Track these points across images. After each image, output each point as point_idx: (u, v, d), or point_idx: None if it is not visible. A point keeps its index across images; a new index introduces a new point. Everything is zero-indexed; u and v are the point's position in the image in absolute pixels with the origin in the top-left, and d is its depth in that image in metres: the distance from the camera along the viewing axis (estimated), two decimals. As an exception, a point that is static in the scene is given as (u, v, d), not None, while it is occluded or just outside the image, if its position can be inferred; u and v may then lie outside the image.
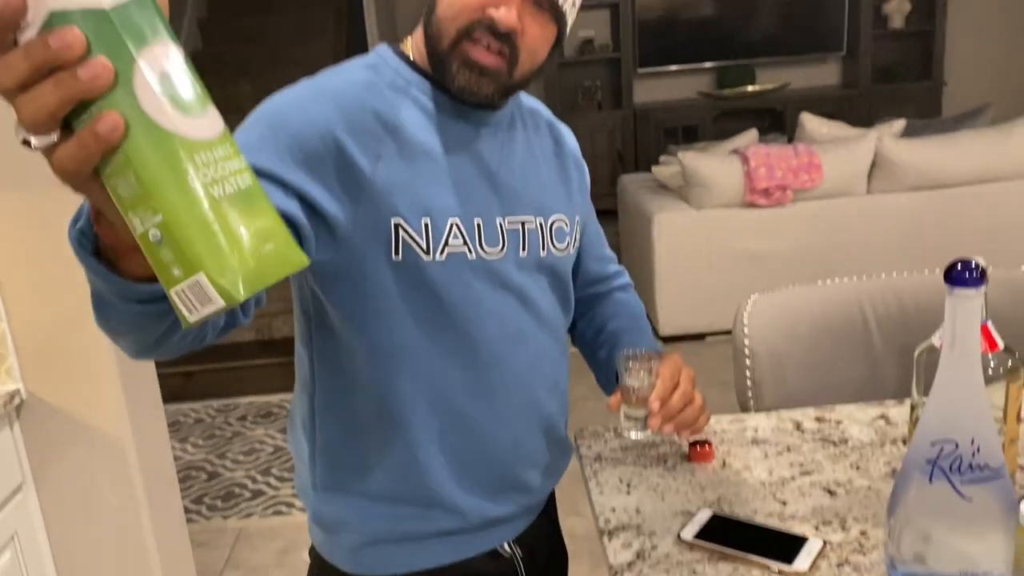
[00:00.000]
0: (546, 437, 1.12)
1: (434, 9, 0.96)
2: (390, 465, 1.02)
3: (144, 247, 0.52)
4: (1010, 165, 3.60)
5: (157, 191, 0.50)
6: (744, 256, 3.69)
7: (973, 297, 0.77)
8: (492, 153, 1.03)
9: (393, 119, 0.96)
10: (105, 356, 1.67)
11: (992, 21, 6.18)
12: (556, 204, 1.10)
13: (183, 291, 0.51)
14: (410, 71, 1.01)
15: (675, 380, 1.03)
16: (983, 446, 0.78)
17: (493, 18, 0.92)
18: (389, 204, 0.94)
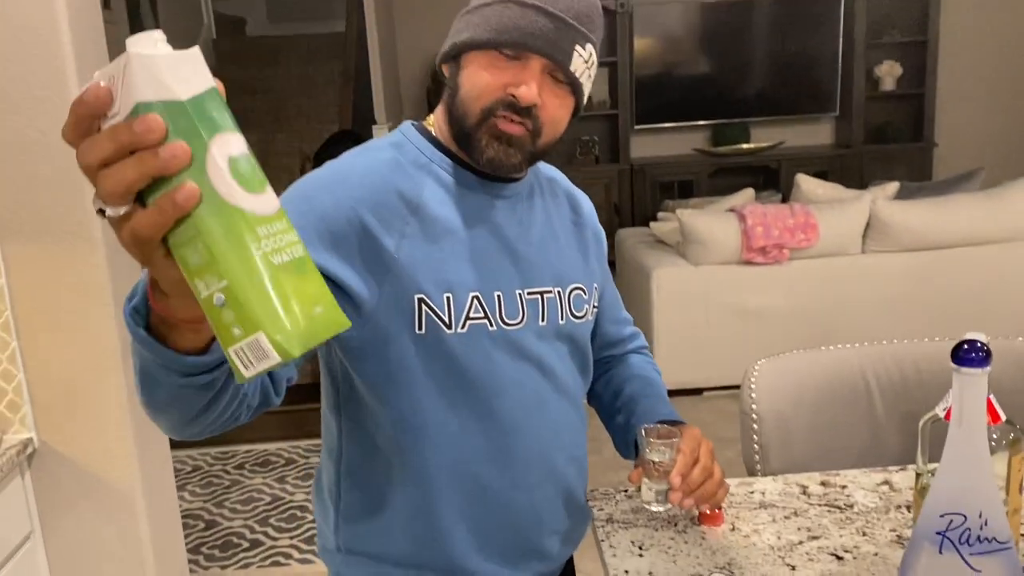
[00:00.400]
0: (565, 504, 1.14)
1: (457, 91, 1.01)
2: (413, 531, 1.05)
3: (207, 309, 0.57)
4: (1000, 229, 3.67)
5: (223, 259, 0.56)
6: (741, 312, 3.74)
7: (979, 376, 0.81)
8: (511, 226, 1.07)
9: (416, 198, 1.00)
10: (119, 407, 1.69)
11: (981, 86, 6.34)
12: (574, 273, 1.14)
13: (242, 349, 0.57)
14: (432, 149, 1.05)
15: (695, 455, 1.06)
16: (991, 519, 0.82)
17: (515, 95, 0.98)
18: (413, 281, 0.98)
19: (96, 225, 1.61)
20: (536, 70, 0.98)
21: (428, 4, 5.99)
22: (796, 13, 6.04)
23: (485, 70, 0.99)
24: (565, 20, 0.99)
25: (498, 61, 0.98)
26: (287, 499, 3.13)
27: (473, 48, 1.00)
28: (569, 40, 0.99)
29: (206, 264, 0.56)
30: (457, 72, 1.01)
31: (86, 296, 1.64)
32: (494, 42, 0.98)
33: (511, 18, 0.97)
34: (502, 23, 0.97)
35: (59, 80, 1.56)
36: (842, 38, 6.04)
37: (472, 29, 1.00)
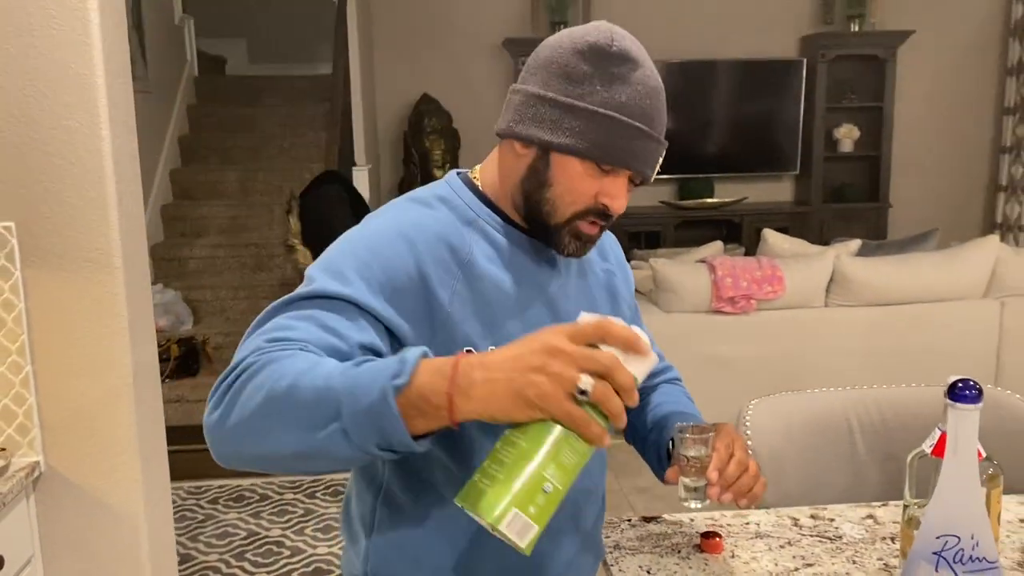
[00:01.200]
0: (583, 544, 1.20)
1: (545, 186, 1.05)
2: (445, 569, 1.09)
3: (535, 482, 0.80)
4: (955, 286, 3.86)
5: (571, 476, 0.81)
6: (711, 360, 3.86)
7: (972, 412, 0.91)
8: (552, 281, 1.13)
9: (467, 254, 1.05)
10: (128, 434, 1.72)
11: (932, 150, 6.65)
12: None
13: (520, 517, 0.79)
14: (480, 204, 1.10)
15: (730, 450, 1.09)
16: (981, 541, 0.91)
17: (608, 206, 1.05)
18: (462, 333, 1.02)
19: (116, 253, 1.67)
20: (626, 181, 1.05)
21: (406, 50, 6.14)
22: (759, 75, 6.30)
23: (582, 178, 1.03)
24: (659, 138, 1.05)
25: (594, 171, 1.03)
26: (263, 534, 3.13)
27: (574, 155, 1.02)
28: (658, 155, 1.06)
29: (568, 470, 0.81)
30: (546, 167, 1.04)
31: (102, 323, 1.68)
32: (599, 158, 1.01)
33: (617, 139, 1.01)
34: (610, 143, 1.01)
35: (90, 111, 1.62)
36: (803, 101, 6.30)
37: (570, 135, 1.01)
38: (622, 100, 1.01)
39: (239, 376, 0.87)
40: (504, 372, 0.79)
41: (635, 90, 1.02)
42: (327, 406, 0.81)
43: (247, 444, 0.86)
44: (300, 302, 0.96)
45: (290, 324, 0.93)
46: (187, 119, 5.39)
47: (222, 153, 5.18)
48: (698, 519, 1.37)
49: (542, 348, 0.79)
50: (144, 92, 4.61)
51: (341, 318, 0.94)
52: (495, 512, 0.77)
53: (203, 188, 4.94)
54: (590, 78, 1.01)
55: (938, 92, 6.58)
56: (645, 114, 1.03)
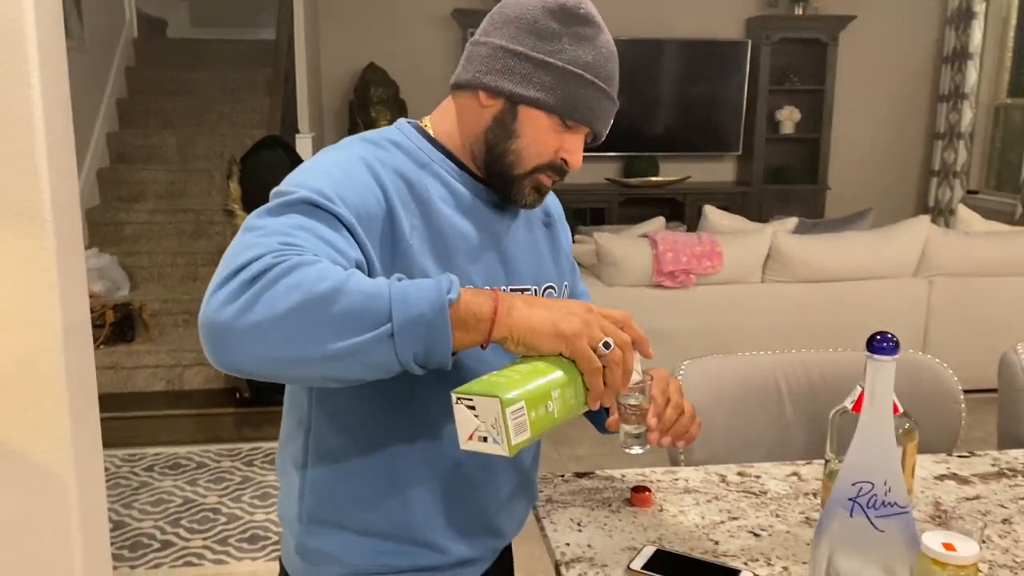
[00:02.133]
0: (523, 487, 1.23)
1: (511, 137, 1.08)
2: (382, 504, 1.10)
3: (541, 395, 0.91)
4: (887, 265, 3.98)
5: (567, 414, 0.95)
6: (651, 332, 3.85)
7: (889, 363, 0.95)
8: (501, 226, 1.16)
9: (423, 192, 1.07)
10: (55, 394, 1.69)
11: (869, 134, 6.82)
12: (547, 273, 1.23)
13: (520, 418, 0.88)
14: (433, 149, 1.12)
15: (666, 395, 1.15)
16: (893, 487, 0.95)
17: (567, 161, 1.10)
18: (419, 267, 1.03)
19: (46, 207, 1.63)
20: (583, 139, 1.11)
21: (352, 18, 6.05)
22: (705, 56, 6.37)
23: (548, 132, 1.08)
24: (616, 100, 1.12)
25: (559, 127, 1.08)
26: (199, 501, 3.10)
27: (541, 109, 1.07)
28: (612, 116, 1.13)
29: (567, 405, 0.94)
30: (513, 119, 1.07)
31: (30, 277, 1.64)
32: (566, 115, 1.07)
33: (584, 98, 1.07)
34: (578, 101, 1.07)
35: (19, 59, 1.57)
36: (747, 82, 6.39)
37: (543, 90, 1.06)
38: (588, 60, 1.07)
39: (261, 273, 0.83)
40: (545, 307, 0.94)
41: (600, 52, 1.08)
42: (378, 309, 0.85)
43: (273, 343, 0.83)
44: (287, 208, 0.93)
45: (291, 231, 0.90)
46: (125, 81, 5.24)
47: (161, 117, 5.05)
48: (629, 475, 1.41)
49: (580, 305, 0.95)
50: (79, 51, 4.48)
51: (334, 232, 0.94)
52: (510, 396, 0.87)
53: (141, 152, 4.82)
54: (559, 36, 1.06)
55: (877, 78, 6.74)
56: (608, 76, 1.09)
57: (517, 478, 1.22)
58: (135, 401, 3.71)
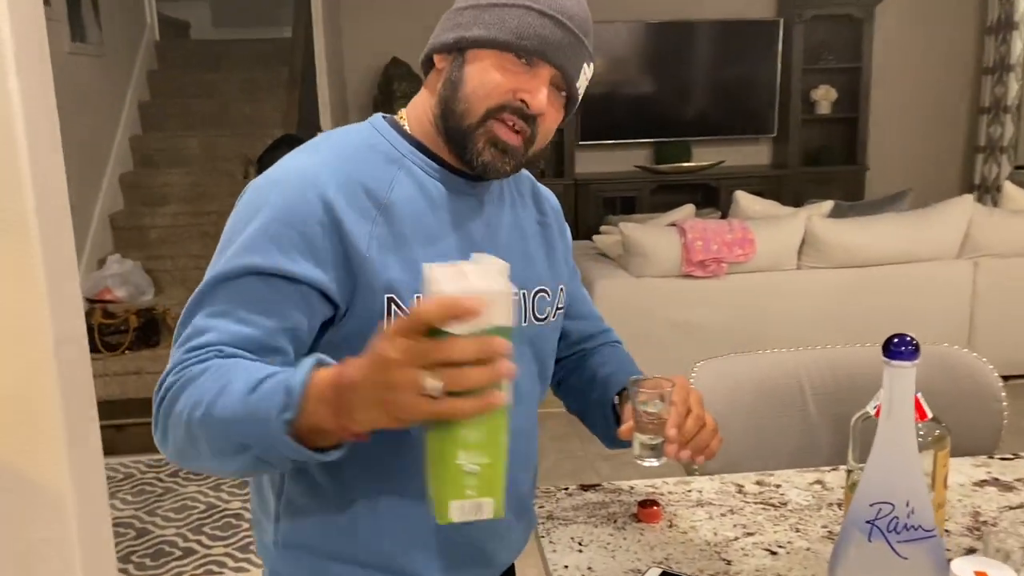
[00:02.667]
0: (515, 513, 1.14)
1: (459, 85, 0.99)
2: (356, 530, 1.03)
3: (452, 472, 0.74)
4: (927, 247, 3.81)
5: (495, 445, 0.75)
6: (681, 324, 3.80)
7: (908, 369, 0.84)
8: (479, 227, 1.07)
9: (384, 196, 0.98)
10: (50, 410, 1.65)
11: (910, 111, 6.58)
12: (539, 276, 1.13)
13: (465, 504, 0.75)
14: (405, 143, 1.04)
15: (687, 405, 1.04)
16: (917, 508, 0.85)
17: (526, 101, 0.98)
18: (383, 280, 0.96)
19: (31, 216, 1.58)
20: (546, 79, 0.99)
21: (375, 12, 5.99)
22: (736, 36, 6.20)
23: (496, 70, 0.98)
24: (579, 37, 1.01)
25: (510, 64, 0.98)
26: (222, 507, 3.07)
27: (486, 46, 0.98)
28: (580, 57, 1.01)
29: (477, 445, 0.74)
30: (460, 66, 1.00)
31: (20, 292, 1.60)
32: (512, 45, 0.97)
33: (531, 25, 0.97)
34: (522, 28, 0.97)
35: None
36: (780, 62, 6.21)
37: (485, 27, 0.98)
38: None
39: (164, 399, 0.89)
40: (368, 393, 0.76)
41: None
42: (236, 439, 0.84)
43: (194, 465, 0.92)
44: (216, 288, 0.94)
45: (206, 325, 0.92)
46: (147, 85, 5.24)
47: (184, 119, 5.04)
48: (639, 486, 1.31)
49: (378, 363, 0.74)
50: (97, 56, 4.47)
51: (253, 301, 0.93)
52: (441, 513, 0.77)
53: (164, 155, 4.81)
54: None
55: (915, 52, 6.50)
56: (562, 8, 1.00)
57: (512, 509, 1.13)
58: (160, 406, 3.69)
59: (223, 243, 0.98)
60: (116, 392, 3.77)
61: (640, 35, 6.08)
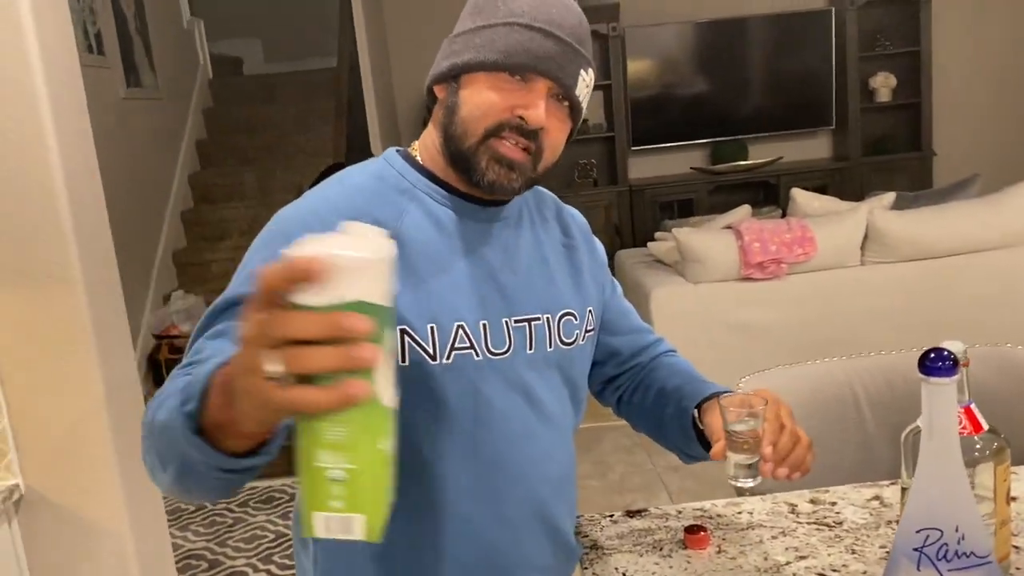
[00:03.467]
0: (551, 540, 1.10)
1: (456, 110, 0.99)
2: (392, 567, 1.02)
3: (313, 475, 0.61)
4: (999, 235, 3.64)
5: (360, 448, 0.61)
6: (741, 329, 3.71)
7: (947, 386, 0.79)
8: (496, 253, 1.05)
9: (395, 227, 0.98)
10: (104, 449, 1.68)
11: (977, 92, 6.33)
12: (565, 299, 1.11)
13: (332, 518, 0.61)
14: (416, 174, 1.04)
15: (780, 420, 1.01)
16: (968, 533, 0.79)
17: (524, 117, 0.97)
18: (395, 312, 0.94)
19: (75, 267, 1.61)
20: (542, 93, 0.98)
21: (421, 36, 6.04)
22: (787, 28, 6.06)
23: (490, 90, 0.98)
24: (571, 45, 0.99)
25: (504, 83, 0.98)
26: (291, 535, 3.10)
27: (478, 70, 0.98)
28: (575, 65, 1.00)
29: (341, 445, 0.60)
30: (456, 92, 1.00)
31: (68, 339, 1.63)
32: (502, 64, 0.97)
33: (519, 41, 0.97)
34: (510, 46, 0.97)
35: (34, 122, 1.56)
36: (835, 51, 6.04)
37: (475, 50, 0.98)
38: (523, 9, 0.99)
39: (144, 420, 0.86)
40: (238, 380, 0.64)
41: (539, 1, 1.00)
42: (162, 444, 0.77)
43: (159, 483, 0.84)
44: (217, 317, 0.93)
45: (202, 347, 0.89)
46: (204, 122, 5.38)
47: (240, 154, 5.16)
48: (687, 511, 1.27)
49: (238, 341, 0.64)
50: (153, 99, 4.61)
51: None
52: (306, 524, 0.63)
53: (222, 191, 4.92)
54: (494, 2, 1.00)
55: (979, 30, 6.25)
56: (550, 19, 0.99)
57: (546, 536, 1.10)
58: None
59: (236, 272, 1.00)
60: (186, 425, 3.85)
61: (690, 35, 6.00)
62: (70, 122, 1.64)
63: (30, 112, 1.56)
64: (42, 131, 1.57)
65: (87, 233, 1.66)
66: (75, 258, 1.61)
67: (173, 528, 3.22)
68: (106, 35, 4.06)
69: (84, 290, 1.63)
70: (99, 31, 3.95)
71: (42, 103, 1.56)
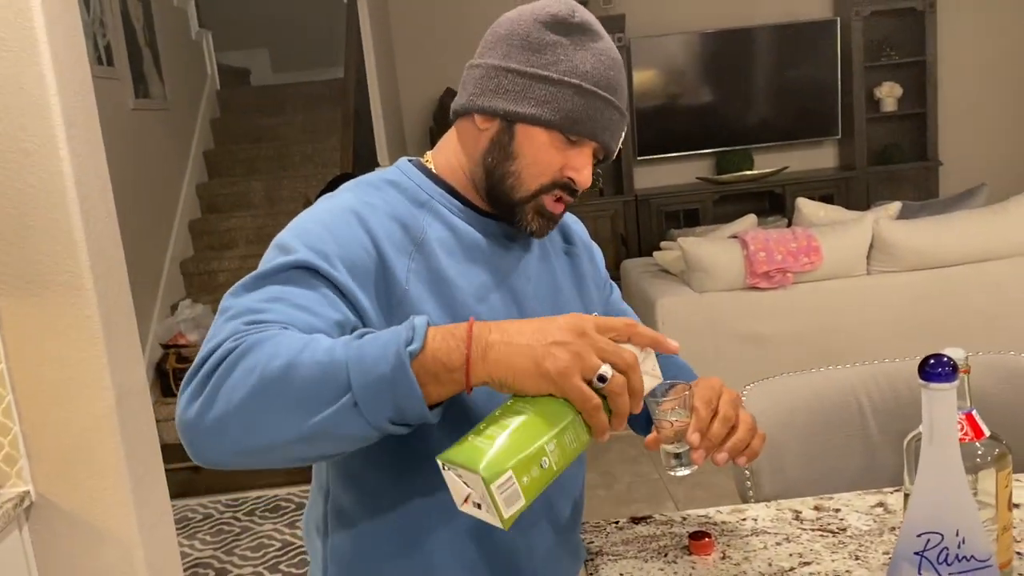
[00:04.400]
0: (561, 544, 1.13)
1: (511, 158, 1.01)
2: (403, 569, 1.03)
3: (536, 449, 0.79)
4: (1005, 244, 3.64)
5: (570, 459, 0.82)
6: (748, 338, 3.71)
7: (947, 391, 0.80)
8: (511, 265, 1.08)
9: (420, 234, 1.00)
10: (114, 461, 1.69)
11: (983, 101, 6.33)
12: (568, 305, 1.14)
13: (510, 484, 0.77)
14: (433, 185, 1.06)
15: (712, 407, 0.99)
16: (968, 537, 0.80)
17: (574, 179, 1.02)
18: (420, 313, 0.96)
19: (86, 275, 1.63)
20: (591, 155, 1.03)
21: (427, 47, 6.07)
22: (793, 38, 6.08)
23: (549, 150, 1.00)
24: (623, 111, 1.03)
25: (561, 143, 1.01)
26: (298, 544, 3.11)
27: (538, 125, 0.99)
28: (621, 128, 1.04)
29: (567, 452, 0.81)
30: (511, 139, 1.01)
31: (79, 346, 1.65)
32: (565, 128, 0.99)
33: (583, 107, 0.99)
34: (576, 112, 0.99)
35: (47, 132, 1.59)
36: (840, 61, 6.06)
37: (538, 105, 0.99)
38: (587, 69, 1.00)
39: (220, 362, 0.81)
40: (525, 338, 0.81)
41: (599, 60, 1.01)
42: (335, 380, 0.78)
43: (237, 435, 0.79)
44: (263, 281, 0.90)
45: (261, 307, 0.87)
46: (211, 133, 5.42)
47: (247, 164, 5.19)
48: (692, 516, 1.28)
49: (569, 326, 0.81)
50: (162, 110, 4.65)
51: (310, 293, 0.89)
52: (493, 468, 0.76)
53: (230, 200, 4.96)
54: (553, 48, 1.00)
55: (984, 41, 6.26)
56: (610, 84, 1.01)
57: (554, 535, 1.12)
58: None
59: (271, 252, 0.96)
60: (193, 434, 3.87)
61: (696, 46, 6.02)
62: (82, 133, 1.66)
63: (43, 123, 1.58)
64: (55, 142, 1.59)
65: (98, 242, 1.68)
66: (86, 267, 1.63)
67: (180, 536, 3.24)
68: (115, 47, 4.10)
69: (95, 298, 1.64)
70: (108, 43, 3.98)
71: (55, 114, 1.58)
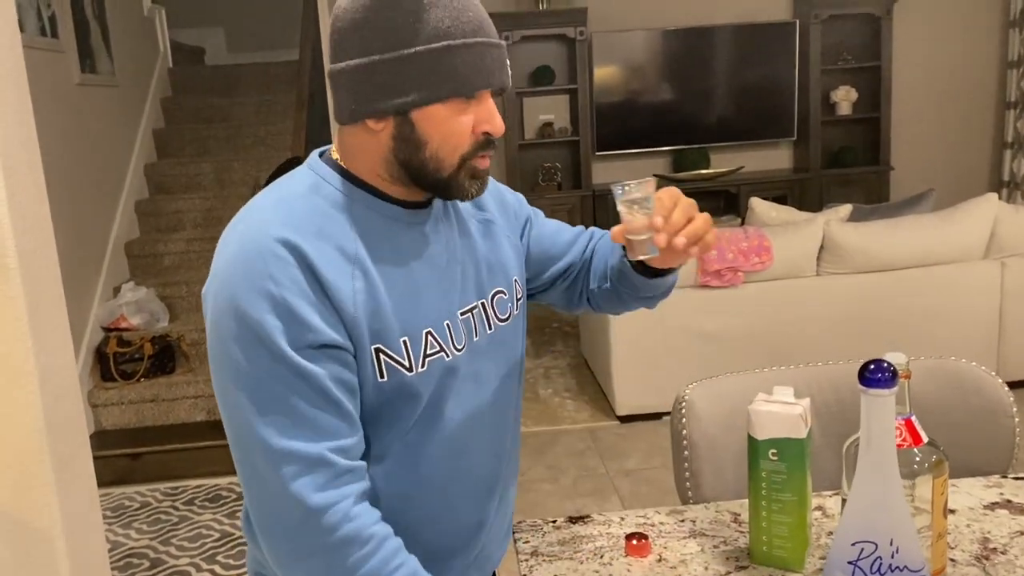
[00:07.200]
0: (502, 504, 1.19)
1: (421, 146, 0.97)
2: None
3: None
4: (951, 249, 3.70)
5: None
6: (698, 335, 3.72)
7: (886, 397, 0.78)
8: (438, 251, 1.06)
9: (353, 251, 0.97)
10: (37, 449, 1.62)
11: (933, 109, 6.44)
12: (495, 278, 1.13)
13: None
14: (350, 186, 1.01)
15: (674, 199, 1.01)
16: (902, 547, 0.79)
17: (490, 132, 0.98)
18: (369, 333, 0.96)
19: (10, 254, 1.56)
20: (491, 99, 0.99)
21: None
22: (752, 40, 6.11)
23: (454, 119, 0.96)
24: (498, 41, 0.99)
25: (461, 106, 0.97)
26: (237, 535, 3.04)
27: (432, 103, 0.95)
28: (504, 56, 1.00)
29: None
30: (412, 128, 0.96)
31: (1, 327, 1.58)
32: (459, 92, 0.95)
33: (464, 64, 0.94)
34: (458, 71, 0.94)
35: (-29, 106, 1.51)
36: (798, 63, 6.11)
37: (422, 86, 0.94)
38: (447, 25, 0.94)
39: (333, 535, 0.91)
40: None
41: (451, 8, 0.94)
42: None
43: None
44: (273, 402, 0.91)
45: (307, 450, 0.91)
46: (162, 112, 5.28)
47: (198, 144, 5.06)
48: (629, 517, 1.25)
49: None
50: (110, 86, 4.51)
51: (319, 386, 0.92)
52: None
53: (178, 181, 4.83)
54: (403, 19, 0.93)
55: (938, 48, 6.36)
56: (474, 27, 0.96)
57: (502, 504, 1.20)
58: (177, 433, 3.70)
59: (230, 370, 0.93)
60: (132, 420, 3.77)
61: (657, 43, 6.02)
62: (9, 103, 1.59)
63: (-34, 92, 1.51)
64: (-21, 113, 1.51)
65: (25, 219, 1.60)
66: (10, 244, 1.56)
67: (115, 526, 3.15)
68: (61, 18, 3.95)
69: (19, 278, 1.57)
70: (53, 14, 3.84)
71: (-21, 84, 1.51)
